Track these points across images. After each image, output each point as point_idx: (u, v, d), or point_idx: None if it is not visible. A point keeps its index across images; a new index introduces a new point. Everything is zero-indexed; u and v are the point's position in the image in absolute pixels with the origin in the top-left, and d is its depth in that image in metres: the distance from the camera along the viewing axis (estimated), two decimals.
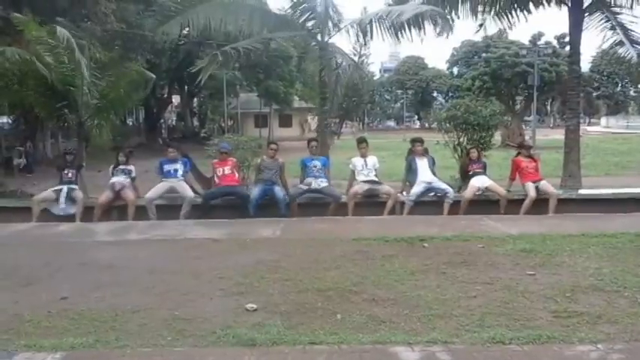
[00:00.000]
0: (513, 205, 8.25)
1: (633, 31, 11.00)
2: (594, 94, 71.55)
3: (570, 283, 4.43)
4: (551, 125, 70.00)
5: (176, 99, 52.46)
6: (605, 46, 11.54)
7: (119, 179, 8.41)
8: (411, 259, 5.24)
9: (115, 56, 17.83)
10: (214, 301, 4.16)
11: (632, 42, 10.97)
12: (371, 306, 3.98)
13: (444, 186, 8.41)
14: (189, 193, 8.38)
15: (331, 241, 6.03)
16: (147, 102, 37.04)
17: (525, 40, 42.32)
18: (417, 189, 8.37)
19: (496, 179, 9.86)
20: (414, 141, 9.00)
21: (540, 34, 44.76)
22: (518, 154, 9.05)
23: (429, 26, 9.78)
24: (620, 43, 11.14)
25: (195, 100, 50.28)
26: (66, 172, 8.57)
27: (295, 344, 3.33)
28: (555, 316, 3.73)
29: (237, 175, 8.65)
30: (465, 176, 8.76)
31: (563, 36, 47.29)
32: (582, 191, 9.29)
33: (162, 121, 49.77)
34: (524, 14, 10.81)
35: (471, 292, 4.24)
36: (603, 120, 67.23)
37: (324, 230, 6.68)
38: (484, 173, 8.61)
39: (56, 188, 8.41)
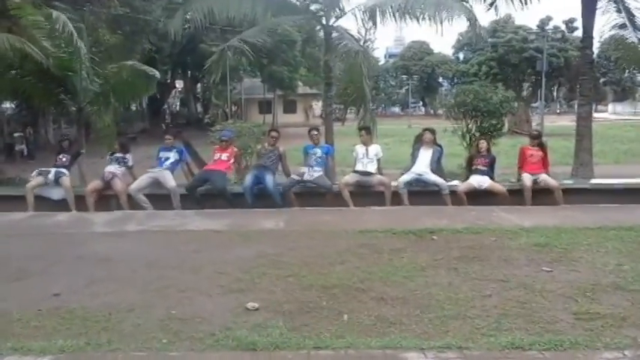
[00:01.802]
0: (517, 194, 7.96)
1: (636, 17, 10.85)
2: (601, 80, 70.73)
3: (590, 280, 4.19)
4: (557, 111, 69.30)
5: (180, 84, 52.11)
6: (607, 27, 11.38)
7: (110, 168, 8.18)
8: (420, 253, 5.00)
9: (118, 42, 17.55)
10: (213, 299, 3.94)
11: (635, 27, 10.79)
12: (379, 305, 3.76)
13: (433, 178, 8.03)
14: (171, 183, 8.08)
15: (336, 233, 5.79)
16: (150, 92, 36.66)
17: (533, 25, 41.64)
18: (405, 177, 8.09)
19: (503, 167, 9.63)
20: (425, 130, 8.67)
21: (549, 19, 44.05)
22: None
23: (446, 15, 9.35)
24: (623, 26, 10.98)
25: (199, 85, 49.86)
26: (61, 156, 8.35)
27: (299, 349, 3.11)
28: (577, 318, 3.49)
29: (231, 161, 8.37)
30: (470, 168, 8.43)
31: (571, 20, 46.63)
32: (595, 181, 8.98)
33: (165, 106, 49.48)
34: None
35: (485, 291, 4.00)
36: (610, 106, 66.44)
37: (328, 222, 6.43)
38: (487, 172, 8.18)
39: (43, 169, 8.20)
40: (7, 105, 28.47)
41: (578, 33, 49.38)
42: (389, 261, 4.76)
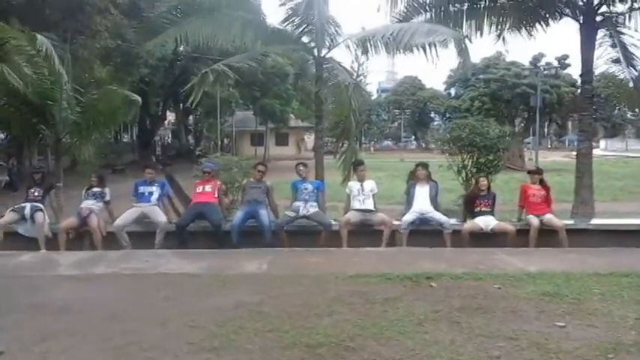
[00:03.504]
0: (519, 235, 7.52)
1: (633, 53, 10.64)
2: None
3: (609, 338, 3.69)
4: (549, 147, 69.71)
5: (172, 116, 51.84)
6: (600, 62, 11.17)
7: (88, 204, 7.68)
8: (417, 302, 4.49)
9: (102, 74, 17.18)
10: None
11: (629, 63, 10.57)
12: None
13: (438, 216, 7.68)
14: (162, 218, 7.61)
15: (324, 278, 5.27)
16: (141, 119, 36.41)
17: (525, 61, 41.97)
18: (408, 217, 7.69)
19: (498, 203, 9.19)
20: (417, 165, 8.28)
21: (541, 55, 44.35)
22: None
23: (440, 49, 9.01)
24: (617, 61, 10.78)
25: (191, 117, 49.66)
26: (32, 190, 7.84)
27: None
28: None
29: (216, 194, 7.89)
30: (471, 209, 7.99)
31: (564, 57, 47.23)
32: (598, 221, 8.56)
33: (158, 138, 49.11)
34: (541, 27, 10.27)
35: (493, 351, 3.49)
36: (602, 143, 66.79)
37: (316, 265, 5.92)
38: (490, 213, 7.82)
39: (17, 207, 7.67)
40: None
41: (570, 70, 50.18)
42: (383, 313, 4.24)
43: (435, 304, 4.43)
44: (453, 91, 65.15)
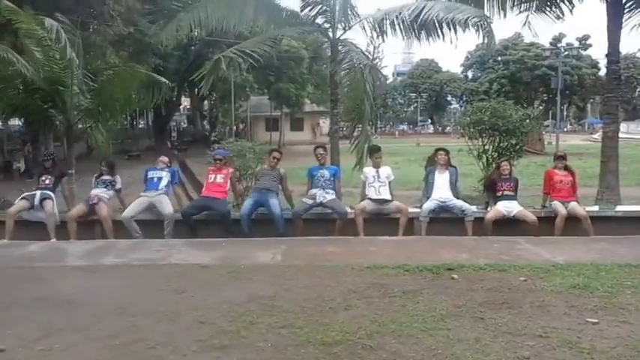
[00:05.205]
0: (543, 222, 7.25)
1: None
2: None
3: None
4: (565, 129, 68.72)
5: (187, 101, 51.81)
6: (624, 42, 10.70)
7: (97, 191, 7.52)
8: (438, 296, 4.26)
9: (116, 61, 16.98)
10: (187, 359, 3.22)
11: None
12: None
13: (460, 204, 7.41)
14: (168, 209, 7.42)
15: (340, 269, 5.06)
16: (156, 104, 36.35)
17: (545, 42, 41.06)
18: (428, 205, 7.42)
19: (519, 188, 8.91)
20: (437, 150, 7.98)
21: (562, 36, 43.26)
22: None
23: (460, 30, 8.62)
24: None
25: (206, 103, 49.54)
26: (43, 178, 7.72)
27: None
28: None
29: (228, 185, 7.70)
30: (492, 193, 7.71)
31: (585, 37, 46.14)
32: (624, 208, 8.23)
33: (173, 123, 49.15)
34: (566, 6, 9.86)
35: (522, 351, 3.25)
36: (624, 125, 65.52)
37: (332, 255, 5.70)
38: (514, 197, 7.53)
39: (28, 194, 7.56)
40: (16, 122, 28.03)
41: (591, 50, 49.05)
42: (402, 307, 4.02)
43: (457, 298, 4.20)
44: (470, 74, 64.24)
